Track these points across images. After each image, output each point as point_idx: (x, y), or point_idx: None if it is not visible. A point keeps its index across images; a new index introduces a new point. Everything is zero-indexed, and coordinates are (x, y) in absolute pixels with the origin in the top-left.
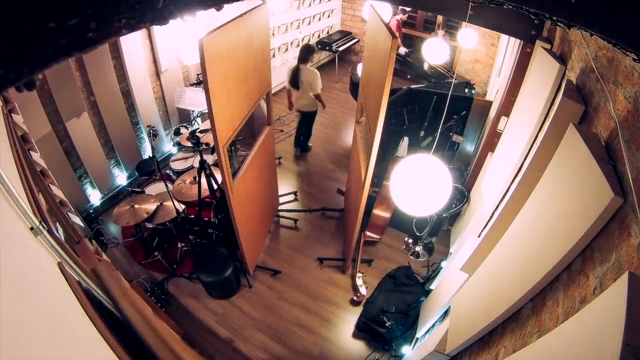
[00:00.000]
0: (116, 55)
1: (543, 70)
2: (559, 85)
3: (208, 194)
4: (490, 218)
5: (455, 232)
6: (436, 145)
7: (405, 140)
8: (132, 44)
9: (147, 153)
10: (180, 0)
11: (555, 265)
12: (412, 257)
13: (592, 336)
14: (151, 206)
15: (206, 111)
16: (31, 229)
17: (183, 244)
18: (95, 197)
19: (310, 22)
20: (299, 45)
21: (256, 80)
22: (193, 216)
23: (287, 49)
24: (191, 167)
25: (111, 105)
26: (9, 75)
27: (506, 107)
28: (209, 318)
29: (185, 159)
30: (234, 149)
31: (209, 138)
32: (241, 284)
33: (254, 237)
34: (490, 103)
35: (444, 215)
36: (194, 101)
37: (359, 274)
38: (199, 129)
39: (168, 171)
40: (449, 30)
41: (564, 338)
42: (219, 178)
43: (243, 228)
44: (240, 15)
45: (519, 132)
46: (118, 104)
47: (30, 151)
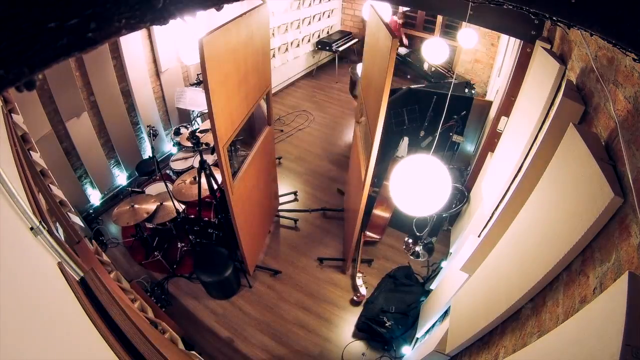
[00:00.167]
0: (116, 55)
1: (543, 70)
2: (559, 85)
3: (208, 194)
4: (490, 218)
5: (455, 232)
6: (436, 145)
7: (405, 140)
8: (132, 44)
9: (147, 153)
10: (180, 1)
11: (555, 265)
12: (412, 257)
13: (592, 336)
14: (151, 206)
15: (206, 111)
16: (31, 229)
17: (183, 244)
18: (95, 197)
19: (310, 22)
20: (299, 45)
21: (256, 80)
22: (193, 216)
23: (287, 49)
24: (191, 167)
25: (111, 105)
26: (9, 75)
27: (506, 107)
28: (209, 318)
29: (185, 159)
30: (234, 149)
31: (209, 138)
32: (241, 284)
33: (254, 237)
34: (490, 103)
35: (444, 215)
36: (194, 101)
37: (359, 274)
38: (199, 129)
39: (168, 171)
40: (448, 30)
41: (564, 338)
42: (219, 178)
43: (243, 228)
44: (240, 15)
45: (519, 132)
46: (118, 104)
47: (30, 151)
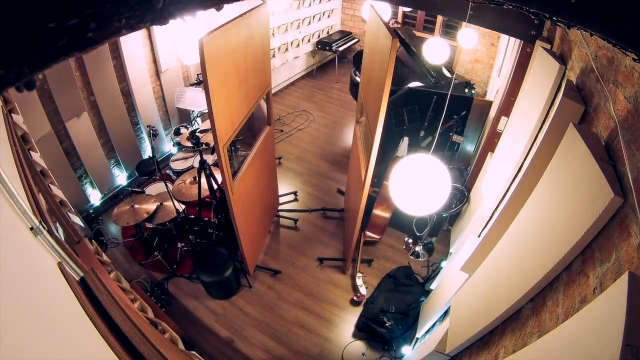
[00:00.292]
0: (116, 55)
1: (543, 70)
2: (559, 85)
3: (208, 194)
4: (490, 218)
5: (455, 232)
6: (436, 145)
7: (405, 140)
8: (132, 44)
9: (147, 153)
10: (180, 1)
11: (555, 265)
12: (412, 257)
13: (592, 336)
14: (151, 206)
15: (206, 111)
16: (31, 229)
17: (183, 244)
18: (95, 197)
19: (310, 22)
20: (299, 45)
21: (256, 80)
22: (193, 216)
23: (287, 49)
24: (191, 167)
25: (111, 105)
26: (9, 75)
27: (506, 107)
28: (209, 318)
29: (185, 159)
30: (234, 149)
31: (209, 138)
32: (241, 284)
33: (254, 237)
34: (490, 103)
35: (444, 215)
36: (194, 101)
37: (359, 274)
38: (199, 129)
39: (168, 171)
40: (448, 30)
41: (564, 338)
42: (219, 178)
43: (243, 228)
44: (240, 15)
45: (519, 132)
46: (118, 104)
47: (30, 151)
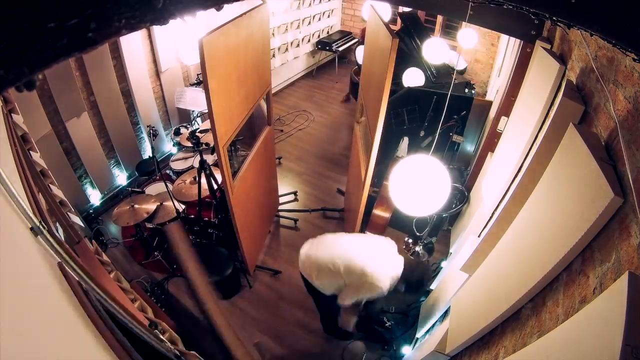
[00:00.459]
0: (116, 55)
1: (543, 70)
2: (559, 85)
3: (208, 194)
4: (490, 218)
5: (455, 232)
6: (436, 145)
7: (405, 140)
8: (132, 44)
9: (147, 153)
10: (180, 1)
11: (555, 265)
12: (412, 258)
13: (592, 336)
14: (151, 206)
15: (206, 111)
16: (31, 229)
17: None
18: (95, 197)
19: (310, 22)
20: (299, 45)
21: (256, 80)
22: (193, 216)
23: (287, 49)
24: (191, 167)
25: (111, 105)
26: (9, 75)
27: (506, 107)
28: None
29: (185, 159)
30: (234, 149)
31: (209, 138)
32: (241, 284)
33: (254, 237)
34: (490, 103)
35: (444, 215)
36: (194, 101)
37: None
38: (199, 129)
39: (168, 171)
40: (448, 30)
41: (564, 338)
42: (219, 178)
43: (243, 228)
44: (240, 15)
45: (519, 132)
46: (118, 104)
47: (30, 151)
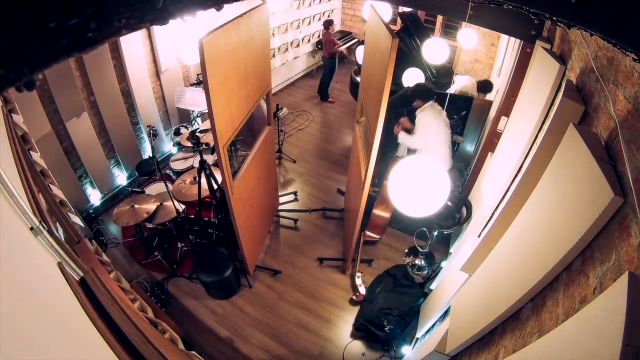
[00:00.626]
0: (116, 55)
1: (543, 70)
2: (559, 85)
3: (208, 194)
4: (490, 218)
5: (456, 232)
6: None
7: None
8: (132, 44)
9: (147, 153)
10: (180, 1)
11: (555, 265)
12: (415, 271)
13: (592, 336)
14: (151, 206)
15: (206, 111)
16: (31, 229)
17: (183, 244)
18: (95, 197)
19: (310, 22)
20: (299, 45)
21: (256, 80)
22: (193, 216)
23: (287, 49)
24: (191, 167)
25: (111, 105)
26: (9, 75)
27: (506, 107)
28: (209, 318)
29: (185, 159)
30: (234, 149)
31: (209, 138)
32: (241, 284)
33: (254, 237)
34: (490, 103)
35: (446, 232)
36: (194, 101)
37: (358, 274)
38: (199, 129)
39: (168, 171)
40: (448, 30)
41: (564, 338)
42: (219, 178)
43: (243, 228)
44: (240, 15)
45: (519, 132)
46: (118, 104)
47: (30, 151)
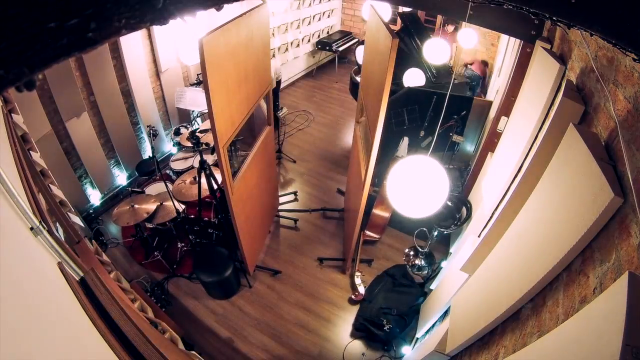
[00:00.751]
0: (116, 55)
1: (543, 70)
2: (559, 85)
3: (208, 194)
4: (490, 218)
5: (456, 232)
6: (436, 145)
7: (405, 140)
8: (132, 44)
9: (147, 153)
10: (180, 1)
11: (555, 265)
12: (415, 271)
13: (592, 336)
14: (151, 206)
15: (206, 111)
16: (31, 229)
17: (183, 244)
18: (95, 197)
19: (310, 22)
20: (299, 45)
21: (256, 80)
22: (193, 216)
23: (287, 49)
24: (191, 167)
25: (111, 105)
26: (9, 75)
27: (506, 107)
28: (209, 318)
29: (185, 159)
30: (234, 149)
31: (209, 138)
32: (241, 284)
33: (254, 237)
34: (490, 103)
35: (445, 232)
36: (194, 101)
37: (357, 273)
38: (199, 129)
39: (168, 171)
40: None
41: (564, 338)
42: (219, 178)
43: (243, 228)
44: (240, 15)
45: (519, 132)
46: (118, 104)
47: (30, 151)
